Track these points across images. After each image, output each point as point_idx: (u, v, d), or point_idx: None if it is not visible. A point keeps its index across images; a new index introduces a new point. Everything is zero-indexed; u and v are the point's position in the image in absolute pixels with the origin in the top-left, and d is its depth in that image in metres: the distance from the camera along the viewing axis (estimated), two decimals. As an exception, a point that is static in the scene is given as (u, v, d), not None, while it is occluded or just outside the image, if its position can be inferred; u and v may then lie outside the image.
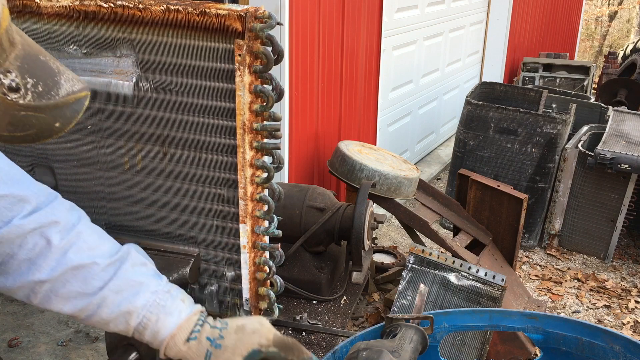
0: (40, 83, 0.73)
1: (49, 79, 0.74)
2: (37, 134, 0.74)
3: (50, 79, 0.74)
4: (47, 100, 0.73)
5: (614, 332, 1.36)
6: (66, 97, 0.76)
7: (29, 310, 2.96)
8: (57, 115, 0.75)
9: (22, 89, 0.71)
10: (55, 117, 0.75)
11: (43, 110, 0.73)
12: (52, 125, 0.75)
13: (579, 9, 9.72)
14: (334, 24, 3.58)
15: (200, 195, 1.39)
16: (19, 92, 0.71)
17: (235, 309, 1.47)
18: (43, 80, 0.73)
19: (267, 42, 1.22)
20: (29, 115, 0.72)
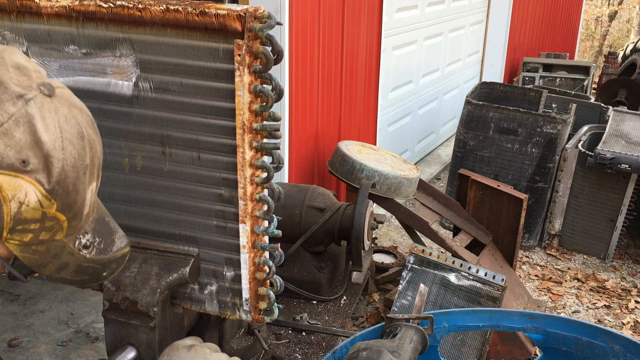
0: (103, 242, 0.90)
1: (108, 238, 0.92)
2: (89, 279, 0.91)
3: (109, 238, 0.92)
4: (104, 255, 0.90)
5: (614, 332, 1.36)
6: (116, 252, 0.93)
7: (29, 310, 2.96)
8: (106, 267, 0.92)
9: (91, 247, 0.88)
10: (105, 268, 0.92)
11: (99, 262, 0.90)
12: (101, 273, 0.91)
13: (579, 9, 9.72)
14: (334, 24, 3.58)
15: (200, 195, 1.39)
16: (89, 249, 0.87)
17: (235, 309, 1.46)
18: (105, 239, 0.91)
19: (266, 42, 1.21)
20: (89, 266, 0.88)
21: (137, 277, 1.42)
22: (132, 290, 1.40)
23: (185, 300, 1.50)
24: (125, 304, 1.41)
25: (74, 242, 0.85)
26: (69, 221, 0.82)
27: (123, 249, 0.95)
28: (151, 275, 1.42)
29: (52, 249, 0.82)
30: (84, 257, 0.87)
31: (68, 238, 0.84)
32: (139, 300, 1.39)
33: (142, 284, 1.41)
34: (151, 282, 1.40)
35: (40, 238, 0.80)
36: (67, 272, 0.87)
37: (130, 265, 1.44)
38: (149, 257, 1.45)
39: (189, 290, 1.48)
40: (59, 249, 0.83)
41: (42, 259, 0.82)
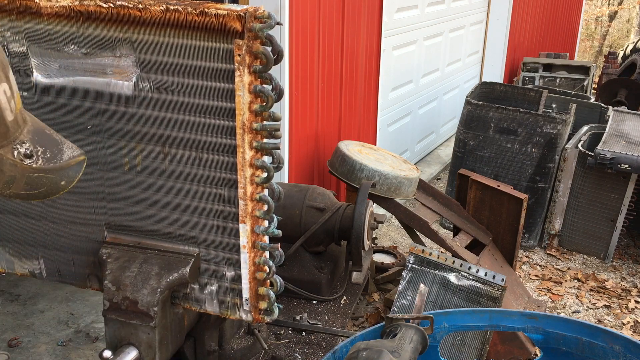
0: (48, 150, 0.90)
1: (54, 147, 0.92)
2: (47, 191, 0.90)
3: (55, 147, 0.92)
4: (54, 163, 0.90)
5: (614, 332, 1.36)
6: (68, 160, 0.93)
7: (29, 310, 2.96)
8: (62, 175, 0.92)
9: (35, 155, 0.88)
10: (61, 177, 0.91)
11: (51, 171, 0.90)
12: (58, 183, 0.91)
13: (579, 9, 9.72)
14: (334, 24, 3.58)
15: (200, 195, 1.39)
16: (32, 158, 0.87)
17: (235, 309, 1.47)
18: (50, 148, 0.91)
19: (266, 42, 1.22)
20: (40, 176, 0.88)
21: (138, 277, 1.42)
22: (132, 290, 1.41)
23: (185, 300, 1.50)
24: (125, 304, 1.41)
25: (12, 152, 0.85)
26: None
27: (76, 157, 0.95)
28: (151, 275, 1.42)
29: None
30: (29, 167, 0.87)
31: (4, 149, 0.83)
32: (140, 300, 1.40)
33: (143, 284, 1.41)
34: (151, 282, 1.41)
35: None
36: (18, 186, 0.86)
37: (130, 265, 1.44)
38: (149, 257, 1.45)
39: (189, 290, 1.49)
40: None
41: None
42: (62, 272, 1.60)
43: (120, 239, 1.50)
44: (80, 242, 1.54)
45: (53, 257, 1.59)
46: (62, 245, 1.56)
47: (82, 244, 1.54)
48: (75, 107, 1.38)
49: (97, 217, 1.50)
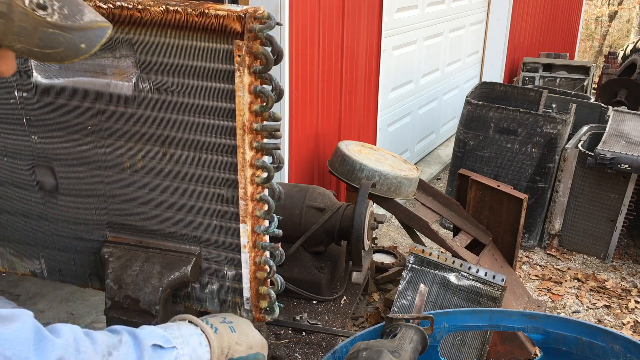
0: (66, 7, 0.82)
1: (73, 6, 0.84)
2: (65, 52, 0.83)
3: (75, 7, 0.84)
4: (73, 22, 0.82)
5: (614, 332, 1.37)
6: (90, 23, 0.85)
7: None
8: (82, 37, 0.84)
9: (49, 8, 0.80)
10: (81, 39, 0.84)
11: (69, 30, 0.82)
12: (78, 45, 0.84)
13: (579, 9, 9.72)
14: (334, 24, 3.58)
15: (200, 195, 1.39)
16: (46, 10, 0.79)
17: (236, 308, 1.47)
18: (68, 5, 0.83)
19: (266, 42, 1.22)
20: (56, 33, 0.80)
21: (139, 276, 1.42)
22: (134, 289, 1.41)
23: (186, 299, 1.50)
24: (127, 303, 1.41)
25: None
26: None
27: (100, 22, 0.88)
28: (153, 273, 1.42)
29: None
30: (44, 21, 0.80)
31: None
32: (141, 299, 1.40)
33: (144, 283, 1.41)
34: (153, 281, 1.41)
35: None
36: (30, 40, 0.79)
37: (132, 264, 1.44)
38: (151, 255, 1.45)
39: (190, 289, 1.49)
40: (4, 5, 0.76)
41: None
42: (63, 271, 1.60)
43: (122, 238, 1.50)
44: (82, 241, 1.54)
45: (54, 256, 1.59)
46: (63, 245, 1.56)
47: (84, 243, 1.54)
48: (75, 107, 1.39)
49: (98, 217, 1.50)
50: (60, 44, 0.82)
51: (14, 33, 0.77)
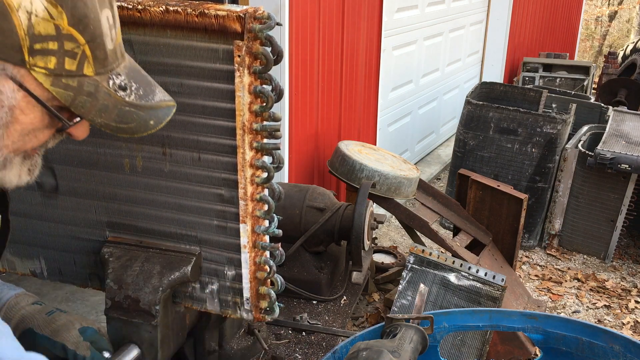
0: (142, 88, 0.92)
1: (147, 87, 0.94)
2: (136, 127, 0.92)
3: (149, 87, 0.94)
4: (146, 101, 0.92)
5: (614, 332, 1.37)
6: (159, 102, 0.95)
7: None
8: (152, 115, 0.93)
9: (129, 89, 0.89)
10: (150, 116, 0.93)
11: (142, 108, 0.91)
12: (147, 122, 0.93)
13: (579, 9, 9.72)
14: (334, 24, 3.58)
15: (200, 196, 1.39)
16: (126, 91, 0.89)
17: (236, 308, 1.47)
18: (143, 86, 0.93)
19: (266, 42, 1.22)
20: (131, 111, 0.90)
21: (139, 276, 1.42)
22: (134, 289, 1.41)
23: (186, 299, 1.50)
24: (127, 303, 1.41)
25: (108, 81, 0.87)
26: (91, 49, 0.83)
27: (167, 101, 0.97)
28: (153, 273, 1.42)
29: (85, 85, 0.84)
30: (123, 100, 0.89)
31: (100, 77, 0.86)
32: (141, 299, 1.40)
33: (144, 283, 1.41)
34: (153, 281, 1.41)
35: (67, 67, 0.82)
36: (109, 116, 0.88)
37: (132, 264, 1.44)
38: (151, 255, 1.46)
39: (190, 289, 1.49)
40: (92, 86, 0.85)
41: (77, 96, 0.84)
42: (63, 271, 1.60)
43: (122, 238, 1.50)
44: (82, 241, 1.54)
45: (54, 256, 1.59)
46: (63, 245, 1.56)
47: (84, 243, 1.54)
48: (76, 107, 1.39)
49: (98, 217, 1.50)
50: (133, 120, 0.91)
51: (97, 110, 0.86)
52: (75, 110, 0.85)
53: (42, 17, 0.78)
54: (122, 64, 0.91)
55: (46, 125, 0.87)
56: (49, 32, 0.79)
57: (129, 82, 0.90)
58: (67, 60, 0.81)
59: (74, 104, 0.84)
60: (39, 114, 0.85)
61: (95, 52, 0.84)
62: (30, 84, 0.81)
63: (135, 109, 0.90)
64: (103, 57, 0.85)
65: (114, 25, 0.88)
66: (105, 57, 0.86)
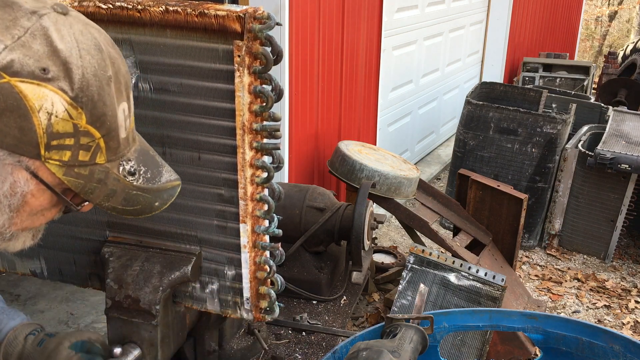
0: (150, 171, 0.94)
1: (155, 169, 0.96)
2: (141, 209, 0.94)
3: (156, 169, 0.96)
4: (152, 184, 0.94)
5: (614, 332, 1.37)
6: (165, 183, 0.97)
7: (29, 310, 2.96)
8: (157, 197, 0.95)
9: (137, 174, 0.91)
10: (156, 198, 0.95)
11: (149, 191, 0.93)
12: (153, 204, 0.95)
13: (579, 9, 9.72)
14: (334, 24, 3.58)
15: (200, 195, 1.39)
16: (135, 176, 0.91)
17: (236, 308, 1.47)
18: (151, 169, 0.95)
19: (266, 42, 1.22)
20: (138, 195, 0.92)
21: (140, 275, 1.42)
22: (134, 288, 1.41)
23: (186, 299, 1.50)
24: (127, 302, 1.41)
25: (118, 168, 0.88)
26: (106, 141, 0.85)
27: (173, 181, 0.98)
28: (153, 273, 1.42)
29: (95, 173, 0.85)
30: (131, 185, 0.90)
31: (111, 164, 0.87)
32: (142, 298, 1.40)
33: (145, 282, 1.41)
34: (153, 280, 1.41)
35: (80, 159, 0.83)
36: (117, 200, 0.90)
37: (132, 264, 1.44)
38: (151, 255, 1.46)
39: (191, 289, 1.49)
40: (102, 173, 0.86)
41: (88, 183, 0.85)
42: (63, 271, 1.61)
43: (122, 238, 1.50)
44: (82, 241, 1.54)
45: (54, 256, 1.59)
46: (63, 245, 1.56)
47: (84, 243, 1.54)
48: (76, 107, 1.39)
49: (98, 216, 1.50)
50: (139, 202, 0.93)
51: (105, 195, 0.88)
52: (84, 196, 0.87)
53: (62, 118, 0.79)
54: (133, 148, 0.93)
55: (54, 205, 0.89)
56: (67, 130, 0.80)
57: (138, 166, 0.92)
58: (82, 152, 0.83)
59: (84, 190, 0.86)
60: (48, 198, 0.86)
61: (109, 143, 0.86)
62: (44, 173, 0.82)
63: (142, 192, 0.92)
64: (116, 146, 0.87)
65: (129, 116, 0.90)
66: (118, 146, 0.88)
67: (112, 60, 0.85)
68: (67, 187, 0.85)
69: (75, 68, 0.79)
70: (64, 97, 0.79)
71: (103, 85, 0.82)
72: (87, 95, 0.80)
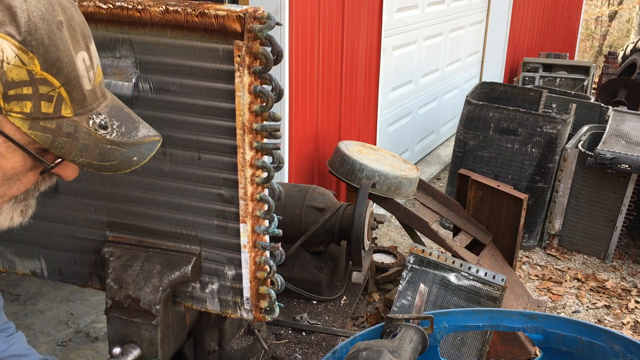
0: (124, 125, 0.92)
1: (130, 124, 0.94)
2: (119, 164, 0.92)
3: (132, 124, 0.94)
4: (128, 138, 0.92)
5: (614, 332, 1.37)
6: (143, 138, 0.95)
7: (29, 310, 2.96)
8: (135, 151, 0.93)
9: (109, 128, 0.89)
10: (134, 153, 0.93)
11: (124, 145, 0.91)
12: (130, 158, 0.93)
13: (579, 9, 9.72)
14: (334, 24, 3.58)
15: (200, 195, 1.39)
16: (107, 130, 0.89)
17: (236, 308, 1.47)
18: (126, 124, 0.93)
19: (266, 42, 1.22)
20: (113, 149, 0.90)
21: (140, 275, 1.42)
22: (134, 288, 1.41)
23: (186, 299, 1.50)
24: (127, 302, 1.41)
25: (88, 121, 0.87)
26: (67, 90, 0.83)
27: (152, 137, 0.97)
28: (153, 273, 1.42)
29: (63, 126, 0.84)
30: (103, 138, 0.88)
31: (80, 117, 0.86)
32: (142, 298, 1.40)
33: (145, 282, 1.41)
34: (153, 280, 1.41)
35: (44, 110, 0.81)
36: (90, 154, 0.88)
37: (132, 264, 1.44)
38: (151, 255, 1.46)
39: (191, 289, 1.49)
40: (71, 127, 0.85)
41: (57, 137, 0.83)
42: (63, 271, 1.61)
43: (122, 238, 1.50)
44: (82, 241, 1.54)
45: (54, 256, 1.59)
46: (63, 245, 1.56)
47: (84, 243, 1.54)
48: (76, 107, 1.38)
49: (98, 216, 1.50)
50: (116, 157, 0.91)
51: (77, 150, 0.86)
52: (55, 151, 0.85)
53: (14, 64, 0.78)
54: (104, 103, 0.91)
55: (29, 169, 0.87)
56: (22, 77, 0.79)
57: (110, 120, 0.90)
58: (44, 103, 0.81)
59: (54, 145, 0.84)
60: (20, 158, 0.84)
61: (71, 93, 0.84)
62: (9, 129, 0.81)
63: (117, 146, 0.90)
64: (81, 97, 0.85)
65: (91, 67, 0.88)
66: (84, 98, 0.86)
67: (62, 7, 0.84)
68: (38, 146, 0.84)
69: (20, 12, 0.78)
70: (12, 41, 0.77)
71: (53, 29, 0.81)
72: (37, 39, 0.79)
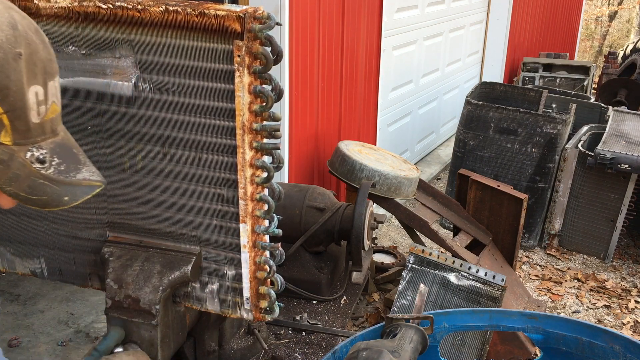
0: (64, 164, 0.92)
1: (72, 164, 0.93)
2: (48, 200, 0.91)
3: (74, 165, 0.93)
4: (65, 177, 0.91)
5: (614, 332, 1.37)
6: (80, 180, 0.94)
7: (29, 310, 2.96)
8: (68, 191, 0.92)
9: (47, 163, 0.89)
10: (66, 192, 0.92)
11: (58, 183, 0.90)
12: (61, 197, 0.92)
13: (579, 9, 9.72)
14: (334, 24, 3.58)
15: (200, 195, 1.39)
16: (44, 165, 0.88)
17: (236, 308, 1.47)
18: (67, 163, 0.92)
19: (266, 42, 1.22)
20: (45, 184, 0.89)
21: (140, 275, 1.42)
22: (134, 288, 1.41)
23: (186, 299, 1.50)
24: (127, 302, 1.41)
25: (26, 152, 0.87)
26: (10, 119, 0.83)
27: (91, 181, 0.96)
28: (153, 273, 1.42)
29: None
30: (38, 173, 0.88)
31: (18, 147, 0.86)
32: (142, 298, 1.40)
33: (145, 282, 1.41)
34: (153, 280, 1.41)
35: None
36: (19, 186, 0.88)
37: (132, 264, 1.44)
38: (151, 255, 1.46)
39: (191, 289, 1.49)
40: (6, 155, 0.85)
41: None
42: (63, 271, 1.61)
43: (122, 238, 1.50)
44: (82, 241, 1.54)
45: (54, 256, 1.59)
46: (63, 245, 1.56)
47: (84, 243, 1.54)
48: (75, 107, 1.39)
49: (98, 216, 1.50)
50: (46, 193, 0.90)
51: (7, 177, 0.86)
52: None
53: None
54: (50, 140, 0.91)
55: None
56: None
57: (51, 156, 0.90)
58: None
59: None
60: None
61: (14, 122, 0.84)
62: None
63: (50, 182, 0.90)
64: (24, 129, 0.85)
65: (44, 102, 0.88)
66: (28, 130, 0.86)
67: (27, 42, 0.85)
68: None
69: None
70: None
71: (8, 58, 0.82)
72: None
